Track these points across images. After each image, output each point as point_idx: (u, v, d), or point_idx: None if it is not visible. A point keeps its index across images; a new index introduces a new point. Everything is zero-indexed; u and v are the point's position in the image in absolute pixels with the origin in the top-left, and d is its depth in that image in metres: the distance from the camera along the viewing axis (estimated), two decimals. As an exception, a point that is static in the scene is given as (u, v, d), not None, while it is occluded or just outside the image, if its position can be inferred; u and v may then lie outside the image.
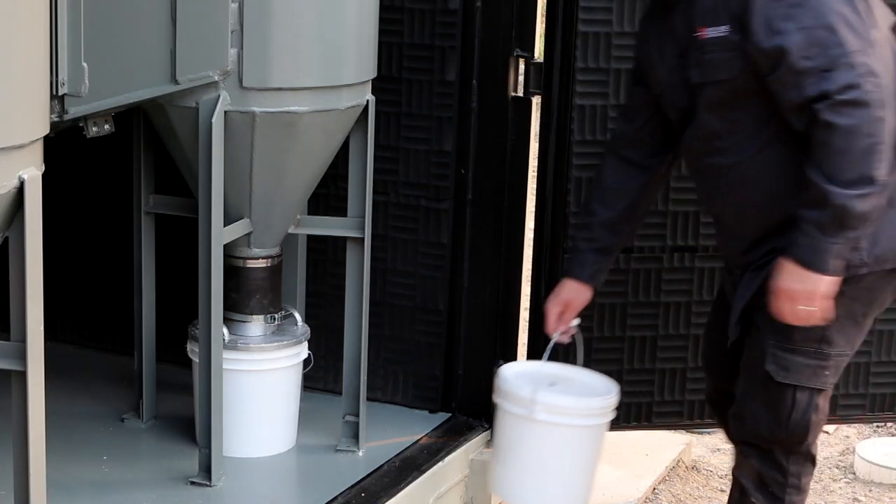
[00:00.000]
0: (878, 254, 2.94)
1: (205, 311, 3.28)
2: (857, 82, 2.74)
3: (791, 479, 3.07)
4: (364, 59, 3.43)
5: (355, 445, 3.65)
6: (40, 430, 2.36)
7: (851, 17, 2.78)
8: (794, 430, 3.02)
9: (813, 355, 2.98)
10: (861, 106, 2.74)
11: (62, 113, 2.61)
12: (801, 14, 2.79)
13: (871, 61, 2.76)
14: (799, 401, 3.00)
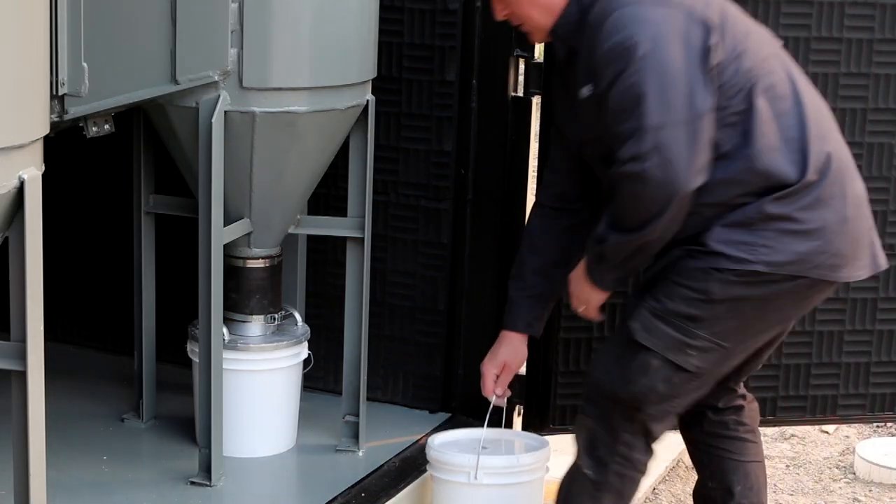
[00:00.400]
0: (774, 260, 2.90)
1: (205, 311, 3.28)
2: (641, 155, 2.79)
3: (620, 447, 3.02)
4: (364, 59, 3.43)
5: (355, 445, 3.65)
6: (40, 430, 2.36)
7: (676, 87, 2.79)
8: (636, 393, 2.96)
9: (679, 329, 2.93)
10: (638, 180, 2.80)
11: (62, 113, 2.61)
12: (627, 74, 2.81)
13: (668, 137, 2.78)
14: (651, 366, 2.95)
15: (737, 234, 2.91)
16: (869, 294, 3.92)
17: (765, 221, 2.90)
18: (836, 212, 2.95)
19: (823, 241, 2.93)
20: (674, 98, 2.80)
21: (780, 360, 3.91)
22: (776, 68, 2.98)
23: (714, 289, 2.91)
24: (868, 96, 3.79)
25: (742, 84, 2.90)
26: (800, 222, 2.90)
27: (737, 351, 3.04)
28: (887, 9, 3.74)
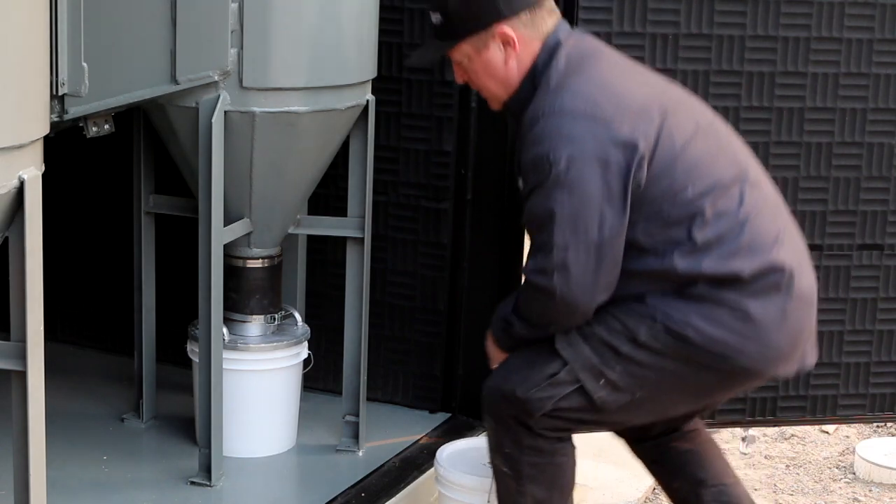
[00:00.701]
0: (708, 334, 2.88)
1: (205, 311, 3.28)
2: (548, 271, 2.85)
3: (525, 440, 2.98)
4: (364, 59, 3.43)
5: (355, 445, 3.65)
6: (40, 430, 2.36)
7: (587, 210, 2.82)
8: (532, 399, 2.93)
9: (600, 355, 2.92)
10: (543, 292, 2.87)
11: (62, 113, 2.61)
12: (542, 189, 2.84)
13: (573, 258, 2.83)
14: (558, 379, 2.92)
15: (680, 302, 2.90)
16: (869, 294, 3.92)
17: (710, 301, 2.89)
18: (779, 308, 2.92)
19: (761, 333, 2.90)
20: (583, 221, 2.83)
21: (780, 360, 3.91)
22: (723, 176, 2.94)
23: (642, 333, 2.90)
24: (868, 96, 3.79)
25: (681, 200, 2.89)
26: (742, 310, 2.89)
27: (646, 407, 2.99)
28: (887, 9, 3.74)
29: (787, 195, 3.81)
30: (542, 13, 2.99)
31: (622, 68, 2.99)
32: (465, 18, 2.98)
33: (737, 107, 3.75)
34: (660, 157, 2.87)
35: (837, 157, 3.83)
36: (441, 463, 3.34)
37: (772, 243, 2.93)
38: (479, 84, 3.07)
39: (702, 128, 2.97)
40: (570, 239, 2.83)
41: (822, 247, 3.87)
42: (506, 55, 2.98)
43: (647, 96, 2.91)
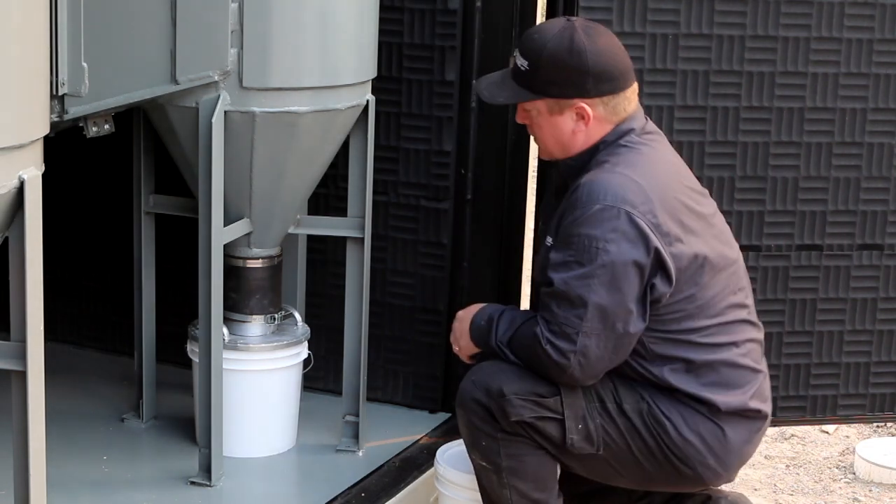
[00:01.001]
0: (681, 433, 3.00)
1: (205, 311, 3.28)
2: (567, 353, 2.91)
3: (499, 433, 3.01)
4: (364, 59, 3.43)
5: (355, 445, 3.65)
6: (40, 430, 2.36)
7: (620, 307, 2.89)
8: (512, 404, 2.96)
9: (587, 403, 2.99)
10: (553, 365, 2.93)
11: (62, 113, 2.61)
12: (582, 271, 2.89)
13: (595, 346, 2.90)
14: (546, 402, 2.97)
15: (668, 399, 3.01)
16: (869, 294, 3.92)
17: (693, 409, 3.01)
18: (748, 435, 3.07)
19: (727, 451, 3.03)
20: (613, 316, 2.90)
21: (780, 360, 3.91)
22: (726, 314, 3.04)
23: (628, 404, 3.00)
24: (868, 96, 3.80)
25: (687, 327, 2.99)
26: (721, 428, 3.01)
27: (598, 467, 3.05)
28: (887, 9, 3.74)
29: (787, 195, 3.82)
30: (624, 99, 3.03)
31: (675, 170, 3.06)
32: (551, 81, 3.00)
33: (737, 107, 3.75)
34: (682, 280, 2.95)
35: (837, 157, 3.83)
36: (441, 463, 3.34)
37: (756, 385, 3.07)
38: (539, 136, 3.12)
39: (722, 259, 3.04)
40: (598, 328, 2.90)
41: (822, 247, 3.87)
42: (576, 126, 3.03)
43: (691, 211, 2.98)
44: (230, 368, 3.42)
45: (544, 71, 2.98)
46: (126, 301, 3.85)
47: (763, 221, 3.83)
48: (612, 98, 3.00)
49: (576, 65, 2.96)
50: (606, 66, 2.98)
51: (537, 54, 2.98)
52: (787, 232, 3.85)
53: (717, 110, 3.75)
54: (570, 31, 2.98)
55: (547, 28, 3.03)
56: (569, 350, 2.91)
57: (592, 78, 2.97)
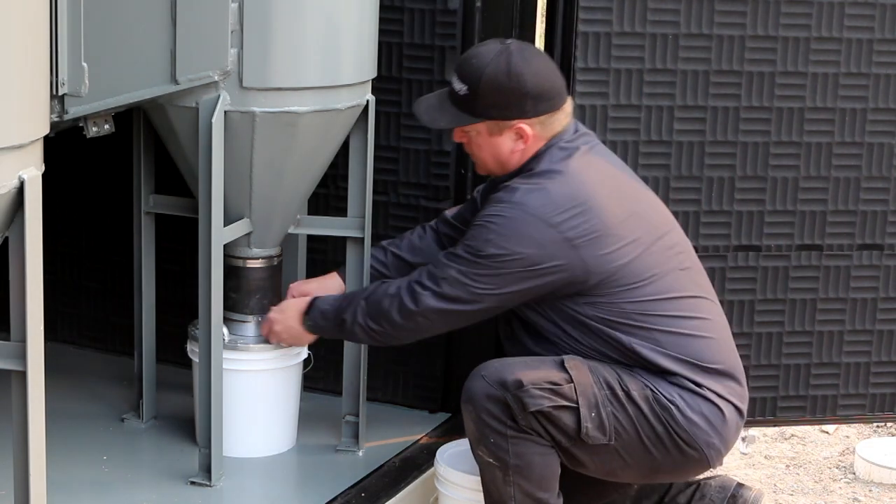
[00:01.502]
0: (688, 415, 3.08)
1: (205, 311, 3.28)
2: (428, 290, 3.11)
3: (509, 430, 3.04)
4: (364, 59, 3.43)
5: (355, 445, 3.65)
6: (40, 430, 2.36)
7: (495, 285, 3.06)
8: (530, 393, 3.00)
9: (601, 389, 3.04)
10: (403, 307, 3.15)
11: (62, 113, 2.61)
12: (464, 253, 3.07)
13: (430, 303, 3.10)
14: (560, 389, 3.01)
15: (667, 384, 3.08)
16: (869, 294, 3.92)
17: (692, 392, 3.08)
18: (738, 414, 3.16)
19: (727, 430, 3.12)
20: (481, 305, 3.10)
21: (780, 360, 3.92)
22: (684, 295, 3.16)
23: (635, 390, 3.05)
24: (868, 96, 3.80)
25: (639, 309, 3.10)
26: (719, 407, 3.09)
27: (609, 460, 3.09)
28: (887, 9, 3.74)
29: (787, 195, 3.83)
30: (560, 115, 3.15)
31: (604, 179, 3.14)
32: (490, 104, 3.11)
33: (737, 107, 3.75)
34: (615, 275, 3.05)
35: (837, 157, 3.83)
36: (441, 463, 3.34)
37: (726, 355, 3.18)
38: (477, 155, 3.23)
39: (666, 245, 3.15)
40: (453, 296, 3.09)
41: (822, 247, 3.88)
42: (514, 146, 3.15)
43: (615, 214, 3.07)
44: (230, 368, 3.42)
45: (484, 95, 3.09)
46: (126, 301, 3.85)
47: (763, 221, 3.83)
48: (550, 117, 3.13)
49: (515, 88, 3.08)
50: (543, 86, 3.10)
51: (476, 79, 3.09)
52: (787, 232, 3.85)
53: (717, 110, 3.75)
54: (506, 54, 3.09)
55: (483, 52, 3.13)
56: (420, 299, 3.10)
57: (531, 99, 3.09)
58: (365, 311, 3.20)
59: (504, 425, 3.02)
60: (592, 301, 3.07)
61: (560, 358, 3.07)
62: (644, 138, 3.73)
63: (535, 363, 3.06)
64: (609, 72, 3.68)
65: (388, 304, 3.17)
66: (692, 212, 3.78)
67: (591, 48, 3.66)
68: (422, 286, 3.12)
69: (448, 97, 3.18)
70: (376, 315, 3.19)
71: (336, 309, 3.29)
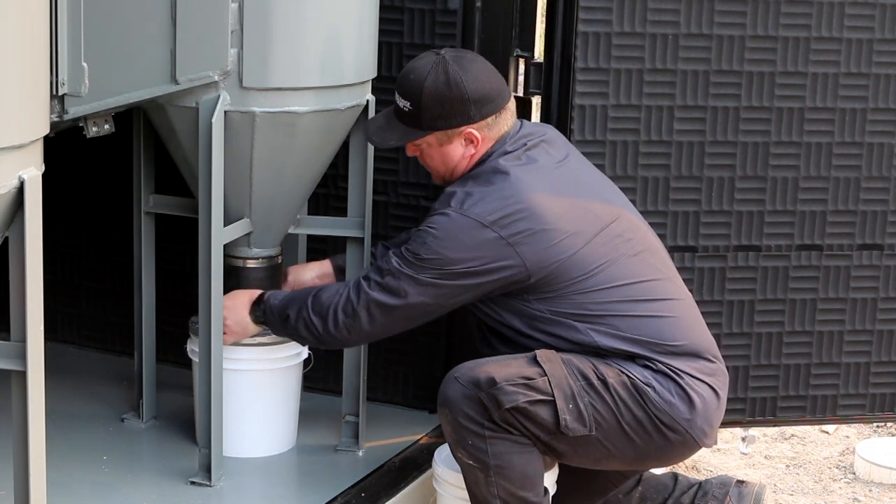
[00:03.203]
0: (665, 398, 3.09)
1: (205, 311, 3.28)
2: (371, 283, 3.16)
3: (486, 431, 3.04)
4: (364, 59, 3.43)
5: (355, 445, 3.65)
6: (40, 430, 2.36)
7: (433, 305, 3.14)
8: (505, 390, 3.00)
9: (576, 380, 3.05)
10: (349, 313, 3.17)
11: (62, 113, 2.61)
12: (407, 257, 3.11)
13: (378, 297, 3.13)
14: (534, 384, 3.02)
15: (639, 367, 3.10)
16: (869, 294, 3.92)
17: (662, 373, 3.10)
18: (714, 389, 3.17)
19: (707, 409, 3.13)
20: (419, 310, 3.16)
21: (780, 360, 3.91)
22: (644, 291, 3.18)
23: (611, 377, 3.06)
24: (868, 96, 3.80)
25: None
26: (685, 388, 3.11)
27: (591, 449, 3.10)
28: (887, 9, 3.74)
29: (787, 195, 3.83)
30: (505, 115, 3.22)
31: (542, 176, 3.16)
32: (435, 116, 3.18)
33: (737, 107, 3.75)
34: (559, 274, 3.08)
35: (837, 157, 3.83)
36: (439, 463, 3.34)
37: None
38: (430, 165, 3.29)
39: (598, 224, 3.16)
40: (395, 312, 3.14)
41: (822, 247, 3.88)
42: (465, 151, 3.21)
43: (552, 210, 3.09)
44: (230, 368, 3.42)
45: (427, 108, 3.16)
46: (126, 301, 3.85)
47: (763, 221, 3.83)
48: (496, 118, 3.20)
49: (456, 96, 3.14)
50: (484, 90, 3.17)
51: (417, 94, 3.16)
52: (787, 232, 3.85)
53: (717, 110, 3.75)
54: (442, 64, 3.16)
55: (419, 66, 3.20)
56: (363, 291, 3.13)
57: (473, 104, 3.15)
58: (310, 307, 3.21)
59: (481, 426, 3.03)
60: (542, 297, 3.10)
61: (532, 353, 3.09)
62: (644, 138, 3.73)
63: (508, 360, 3.08)
64: (609, 72, 3.68)
65: (334, 299, 3.18)
66: (692, 212, 3.78)
67: (591, 48, 3.66)
68: (366, 279, 3.16)
69: (394, 115, 3.25)
70: (319, 310, 3.20)
71: (283, 304, 3.28)
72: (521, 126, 3.26)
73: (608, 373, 3.07)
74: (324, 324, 3.19)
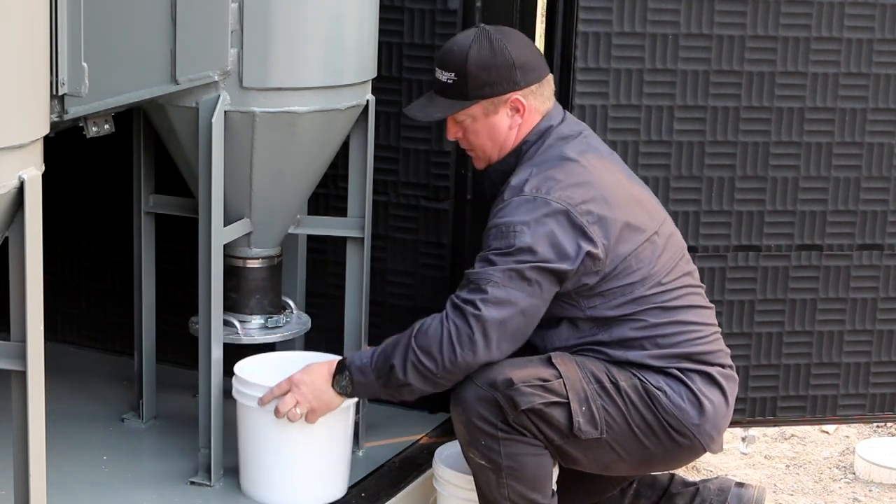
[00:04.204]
0: (676, 402, 3.10)
1: (205, 311, 3.28)
2: (470, 318, 2.99)
3: (500, 432, 3.03)
4: (364, 59, 3.43)
5: (355, 445, 3.65)
6: (40, 430, 2.36)
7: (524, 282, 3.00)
8: (522, 391, 2.99)
9: (589, 383, 3.05)
10: (462, 340, 3.01)
11: (62, 113, 2.61)
12: (491, 255, 3.01)
13: (495, 315, 2.99)
14: (550, 385, 3.01)
15: (652, 372, 3.10)
16: (869, 294, 3.92)
17: (675, 378, 3.11)
18: (724, 394, 3.18)
19: (717, 414, 3.14)
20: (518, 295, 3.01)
21: (780, 360, 3.92)
22: (679, 287, 3.18)
23: (623, 381, 3.07)
24: (868, 96, 3.80)
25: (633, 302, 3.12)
26: (696, 394, 3.12)
27: (601, 453, 3.10)
28: (887, 9, 3.74)
29: (787, 195, 3.83)
30: (548, 89, 3.21)
31: (608, 167, 3.18)
32: (482, 83, 3.14)
33: (737, 107, 3.75)
34: (625, 264, 3.07)
35: (837, 157, 3.83)
36: (439, 463, 3.34)
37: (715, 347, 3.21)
38: (475, 143, 3.23)
39: (662, 236, 3.17)
40: (503, 299, 3.00)
41: (822, 247, 3.88)
42: (511, 121, 3.17)
43: (621, 202, 3.09)
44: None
45: (473, 76, 3.13)
46: (126, 301, 3.85)
47: (763, 221, 3.83)
48: (539, 87, 3.18)
49: (501, 61, 3.13)
50: (527, 56, 3.17)
51: (462, 63, 3.14)
52: (787, 232, 3.85)
53: (717, 110, 3.75)
54: (485, 33, 3.17)
55: (461, 39, 3.20)
56: (471, 315, 2.98)
57: (519, 70, 3.14)
58: (416, 349, 3.03)
59: (494, 427, 3.03)
60: (596, 291, 3.08)
61: (547, 355, 3.08)
62: (644, 138, 3.73)
63: (523, 362, 3.06)
64: (609, 72, 3.68)
65: (439, 333, 3.01)
66: (692, 212, 3.78)
67: (591, 48, 3.66)
68: (466, 302, 3.00)
69: (436, 92, 3.22)
70: (428, 349, 3.02)
71: (379, 358, 3.09)
72: (565, 115, 3.25)
73: (620, 376, 3.07)
74: (436, 364, 3.03)
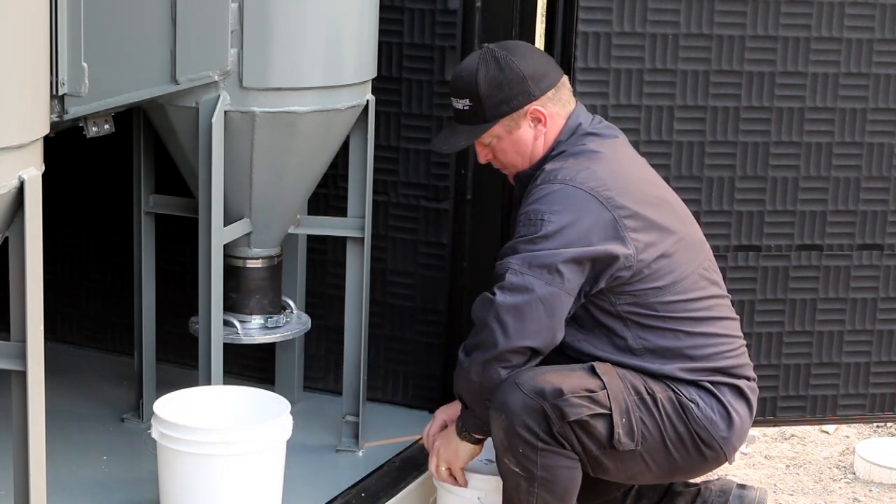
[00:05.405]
0: (708, 415, 3.11)
1: (205, 311, 3.28)
2: (493, 290, 3.04)
3: (540, 441, 3.01)
4: (364, 59, 3.43)
5: (355, 445, 3.65)
6: (40, 430, 2.36)
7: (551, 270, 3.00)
8: (570, 402, 2.98)
9: (630, 395, 3.05)
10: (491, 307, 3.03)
11: (62, 113, 2.61)
12: (521, 241, 3.03)
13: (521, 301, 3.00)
14: (595, 396, 3.01)
15: (689, 385, 3.11)
16: (869, 294, 3.92)
17: (707, 391, 3.12)
18: (749, 407, 3.20)
19: (743, 427, 3.17)
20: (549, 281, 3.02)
21: (780, 360, 3.92)
22: (709, 296, 3.19)
23: (658, 391, 3.08)
24: (868, 96, 3.80)
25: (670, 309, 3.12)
26: (726, 407, 3.13)
27: (633, 465, 3.09)
28: (887, 9, 3.74)
29: (787, 195, 3.83)
30: (565, 92, 3.20)
31: (638, 165, 3.22)
32: (497, 102, 3.15)
33: (737, 107, 3.75)
34: (650, 259, 3.07)
35: (837, 157, 3.83)
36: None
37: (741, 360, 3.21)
38: (505, 161, 3.24)
39: (687, 238, 3.19)
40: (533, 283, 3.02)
41: (822, 247, 3.88)
42: (536, 132, 3.17)
43: (651, 201, 3.11)
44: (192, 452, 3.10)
45: (488, 97, 3.14)
46: (126, 301, 3.85)
47: (763, 221, 3.83)
48: (555, 92, 3.17)
49: (512, 76, 3.13)
50: (536, 65, 3.16)
51: (473, 87, 3.15)
52: (787, 232, 3.85)
53: (717, 110, 3.75)
54: (489, 53, 3.17)
55: (467, 64, 3.21)
56: (487, 301, 3.02)
57: (530, 80, 3.13)
58: (462, 347, 3.12)
59: (536, 437, 3.01)
60: (628, 291, 3.07)
61: (589, 364, 3.07)
62: (644, 138, 3.73)
63: (568, 371, 3.04)
64: (609, 72, 3.68)
65: (475, 331, 3.08)
66: (692, 212, 3.78)
67: (591, 48, 3.66)
68: (488, 293, 3.07)
69: (456, 121, 3.24)
70: (466, 349, 3.09)
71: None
72: (593, 117, 3.26)
73: (657, 388, 3.08)
74: (466, 354, 3.07)
